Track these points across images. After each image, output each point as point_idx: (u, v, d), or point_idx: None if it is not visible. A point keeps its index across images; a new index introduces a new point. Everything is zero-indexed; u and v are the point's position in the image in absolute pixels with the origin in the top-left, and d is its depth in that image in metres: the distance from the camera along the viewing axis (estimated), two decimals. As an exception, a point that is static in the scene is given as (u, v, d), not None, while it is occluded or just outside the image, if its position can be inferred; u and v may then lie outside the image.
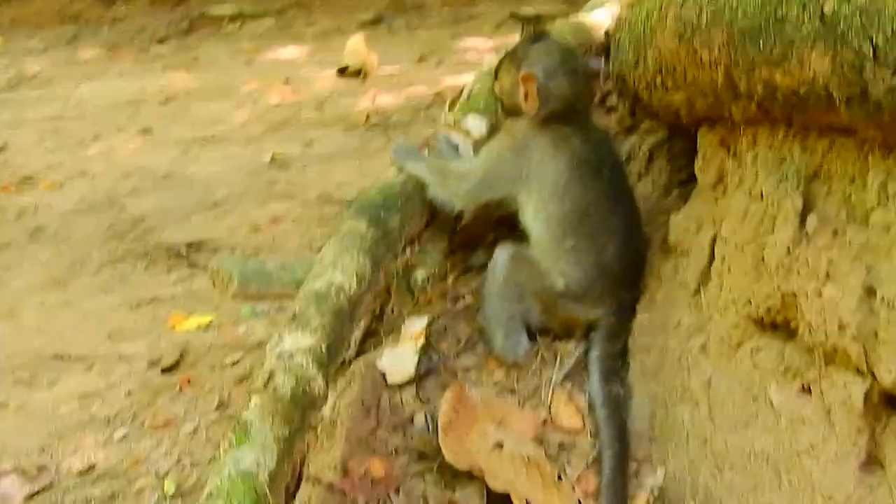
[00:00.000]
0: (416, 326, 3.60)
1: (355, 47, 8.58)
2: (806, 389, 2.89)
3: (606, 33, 5.30)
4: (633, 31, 3.49)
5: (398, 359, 3.48)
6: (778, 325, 2.99)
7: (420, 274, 3.82)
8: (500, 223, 3.91)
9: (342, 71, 8.51)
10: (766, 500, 2.90)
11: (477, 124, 4.21)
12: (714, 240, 3.30)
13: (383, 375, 3.45)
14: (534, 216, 3.60)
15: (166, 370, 4.13)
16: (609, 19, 5.48)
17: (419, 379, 3.48)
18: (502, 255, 3.59)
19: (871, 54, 2.44)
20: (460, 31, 9.90)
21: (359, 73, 8.44)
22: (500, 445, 3.19)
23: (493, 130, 4.17)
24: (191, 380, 4.02)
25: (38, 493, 3.54)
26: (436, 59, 8.85)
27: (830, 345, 2.76)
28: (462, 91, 4.61)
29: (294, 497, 2.97)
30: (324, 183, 6.01)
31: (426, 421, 3.33)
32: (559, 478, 3.12)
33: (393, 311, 3.76)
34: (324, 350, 3.12)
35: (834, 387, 2.79)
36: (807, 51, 2.59)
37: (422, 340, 3.54)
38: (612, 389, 3.39)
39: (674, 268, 3.53)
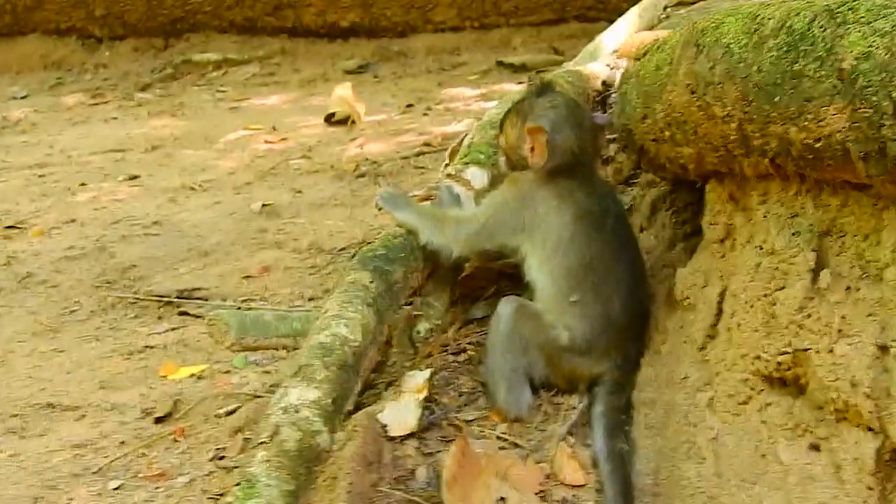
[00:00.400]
0: (417, 379, 3.59)
1: (342, 95, 8.58)
2: (816, 447, 2.88)
3: (604, 83, 5.32)
4: (642, 83, 3.50)
5: (400, 412, 3.46)
6: (788, 381, 2.97)
7: (422, 326, 3.81)
8: (502, 275, 3.90)
9: (329, 118, 8.51)
10: (775, 560, 2.89)
11: (478, 175, 4.22)
12: (722, 294, 3.29)
13: (385, 428, 3.42)
14: (538, 269, 3.60)
15: (160, 420, 4.08)
16: (606, 70, 5.51)
17: (421, 432, 3.45)
18: (506, 308, 3.58)
19: (891, 111, 2.44)
20: (446, 79, 9.92)
21: (346, 120, 8.44)
22: (503, 500, 3.18)
23: (494, 182, 4.17)
24: (185, 430, 3.97)
25: (31, 543, 3.51)
26: (423, 108, 8.85)
27: (842, 402, 2.74)
28: (461, 141, 4.61)
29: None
30: (315, 231, 5.98)
31: (428, 475, 3.31)
32: (564, 534, 3.11)
33: (394, 364, 3.74)
34: (329, 403, 3.12)
35: (845, 444, 2.78)
36: (824, 107, 2.59)
37: (424, 393, 3.52)
38: (616, 444, 3.38)
39: (680, 322, 3.52)
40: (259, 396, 4.01)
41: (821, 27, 2.64)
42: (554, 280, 3.55)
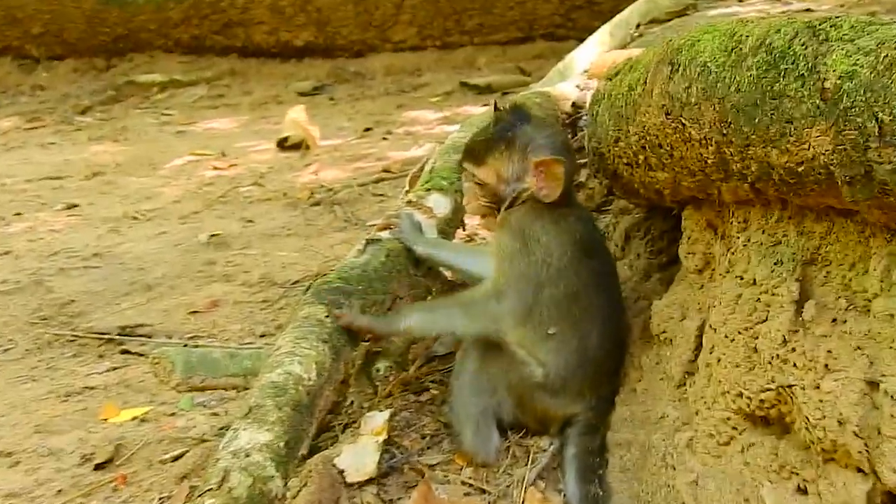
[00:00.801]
0: (376, 420, 3.57)
1: (295, 118, 8.59)
2: (803, 490, 2.87)
3: (574, 105, 5.34)
4: (614, 105, 3.50)
5: (358, 455, 3.44)
6: (771, 419, 2.97)
7: (382, 364, 3.81)
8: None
9: (282, 143, 8.51)
10: None
11: (441, 202, 4.22)
12: (701, 328, 3.29)
13: (342, 473, 3.40)
14: None
15: (100, 466, 4.05)
16: (576, 91, 5.53)
17: (381, 477, 3.43)
18: (473, 344, 3.56)
19: (877, 132, 2.44)
20: (406, 101, 9.96)
21: (300, 145, 8.44)
22: (469, 550, 3.16)
23: (457, 210, 4.17)
24: (127, 477, 3.93)
25: None
26: (382, 132, 8.88)
27: (829, 441, 2.73)
28: (422, 167, 4.61)
29: None
30: (266, 263, 5.97)
31: (390, 525, 3.31)
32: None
33: (352, 404, 3.73)
34: (282, 447, 3.09)
35: (833, 487, 2.76)
36: (806, 128, 2.59)
37: (383, 435, 3.51)
38: (589, 489, 3.37)
39: (656, 357, 3.52)
40: (207, 440, 4.00)
41: (802, 45, 2.64)
42: (536, 310, 3.52)
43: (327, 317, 3.56)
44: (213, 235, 6.48)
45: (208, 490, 2.91)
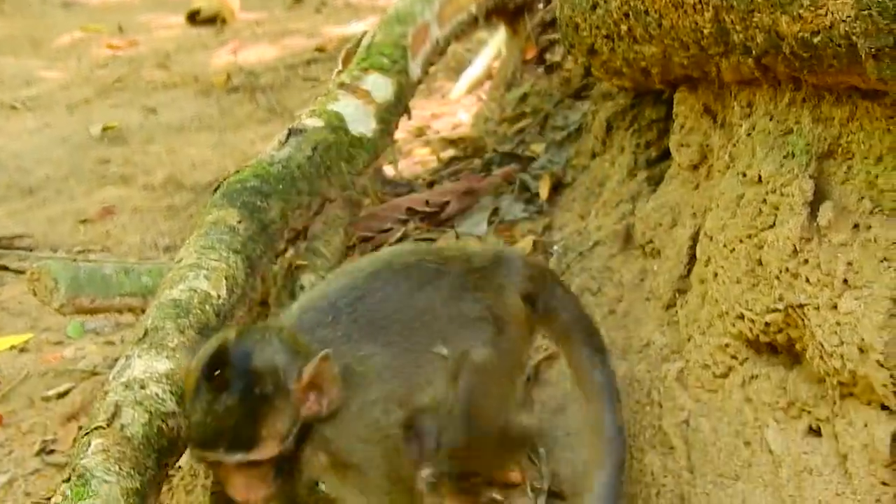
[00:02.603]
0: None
1: (210, -14, 8.58)
2: (815, 430, 2.87)
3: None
4: (590, -37, 3.49)
5: (280, 391, 3.43)
6: (779, 347, 2.97)
7: (307, 279, 3.79)
8: (413, 213, 3.88)
9: (193, 17, 8.49)
10: (761, 573, 2.90)
11: (381, 84, 4.20)
12: (695, 237, 3.29)
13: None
14: None
15: (-29, 405, 4.08)
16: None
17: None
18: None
19: (910, -6, 2.43)
20: (344, -37, 9.93)
21: (214, 19, 8.42)
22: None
23: (400, 94, 4.15)
24: (3, 417, 3.94)
25: None
26: (315, 2, 8.85)
27: (848, 373, 2.73)
28: (359, 41, 4.58)
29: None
30: (172, 163, 5.98)
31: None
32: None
33: (272, 329, 3.72)
34: (184, 378, 3.07)
35: (851, 427, 2.76)
36: (824, -11, 2.57)
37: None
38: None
39: (640, 273, 3.53)
40: (98, 374, 4.01)
41: None
42: None
43: (240, 223, 3.54)
44: (107, 128, 6.45)
45: (96, 428, 2.90)
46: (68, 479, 2.75)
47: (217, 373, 2.93)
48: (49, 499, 3.35)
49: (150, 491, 2.86)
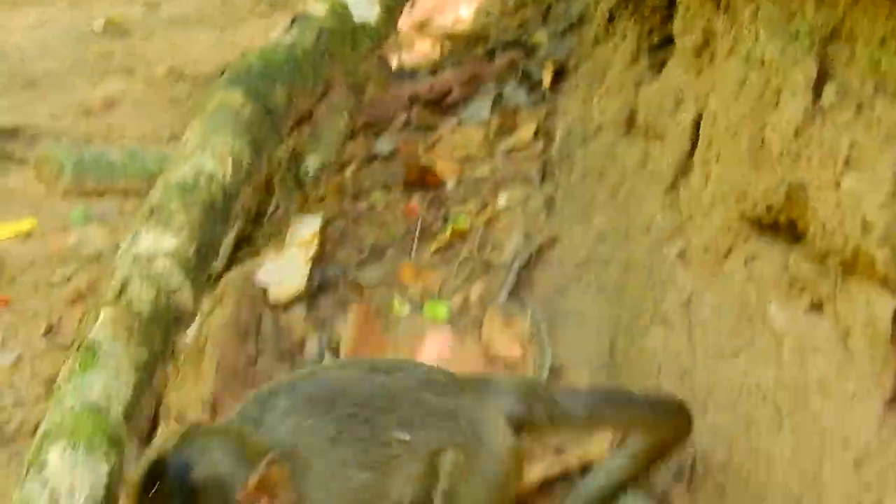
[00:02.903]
0: (306, 229, 3.60)
1: None
2: (817, 307, 2.88)
3: None
4: None
5: (284, 270, 3.48)
6: (781, 226, 2.97)
7: (312, 162, 3.80)
8: (416, 100, 3.88)
9: None
10: (761, 447, 2.90)
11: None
12: (698, 119, 3.28)
13: (264, 291, 3.43)
14: None
15: (-23, 286, 4.08)
16: None
17: (311, 296, 3.46)
18: None
19: None
20: None
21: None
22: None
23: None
24: (9, 301, 3.96)
25: None
26: None
27: (850, 250, 2.74)
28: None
29: (150, 438, 2.93)
30: (175, 55, 5.94)
31: (321, 348, 3.32)
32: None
33: (277, 210, 3.73)
34: (191, 254, 3.10)
35: (853, 304, 2.77)
36: None
37: (314, 247, 3.52)
38: None
39: (642, 156, 3.52)
40: (102, 259, 4.00)
41: None
42: None
43: (245, 106, 3.55)
44: (109, 22, 6.42)
45: (104, 305, 2.91)
46: (77, 349, 2.77)
47: (154, 489, 2.61)
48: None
49: (157, 364, 2.89)
